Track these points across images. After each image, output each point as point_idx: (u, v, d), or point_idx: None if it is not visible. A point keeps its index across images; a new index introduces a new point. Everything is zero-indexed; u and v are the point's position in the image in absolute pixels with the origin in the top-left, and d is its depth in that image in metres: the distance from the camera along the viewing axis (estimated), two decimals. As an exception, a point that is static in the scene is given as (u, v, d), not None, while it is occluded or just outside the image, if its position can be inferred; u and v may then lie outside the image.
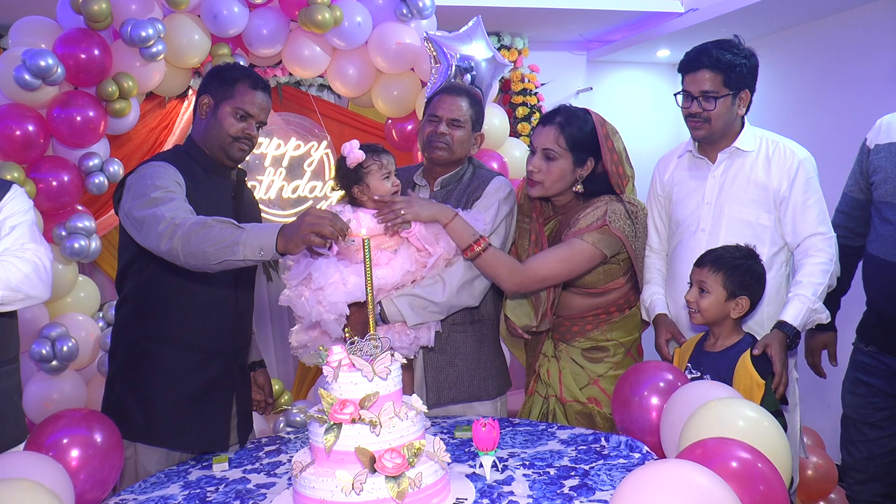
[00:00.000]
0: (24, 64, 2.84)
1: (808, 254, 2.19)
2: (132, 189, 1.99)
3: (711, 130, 2.25)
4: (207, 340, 2.12)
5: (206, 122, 2.17)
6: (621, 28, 4.71)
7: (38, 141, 3.06)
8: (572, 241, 2.18)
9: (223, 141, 2.14)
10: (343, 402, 1.47)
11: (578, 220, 2.22)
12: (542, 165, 2.24)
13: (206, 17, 3.19)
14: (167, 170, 2.02)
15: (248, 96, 2.14)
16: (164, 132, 3.78)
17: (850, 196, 2.44)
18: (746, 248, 2.11)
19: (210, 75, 2.21)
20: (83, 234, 3.17)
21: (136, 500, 1.74)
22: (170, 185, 1.97)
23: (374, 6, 3.37)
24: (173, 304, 2.09)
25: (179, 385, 2.08)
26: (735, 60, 2.19)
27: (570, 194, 2.30)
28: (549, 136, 2.23)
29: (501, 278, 2.16)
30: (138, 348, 2.10)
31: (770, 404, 1.94)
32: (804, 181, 2.22)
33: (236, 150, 2.17)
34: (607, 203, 2.23)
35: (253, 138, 2.20)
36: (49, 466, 1.51)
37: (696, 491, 1.15)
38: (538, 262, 2.19)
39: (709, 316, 2.07)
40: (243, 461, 1.96)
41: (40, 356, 3.02)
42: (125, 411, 2.06)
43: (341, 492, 1.42)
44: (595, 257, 2.19)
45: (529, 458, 1.79)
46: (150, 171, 2.01)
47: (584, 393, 2.26)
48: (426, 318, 2.16)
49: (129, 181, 2.04)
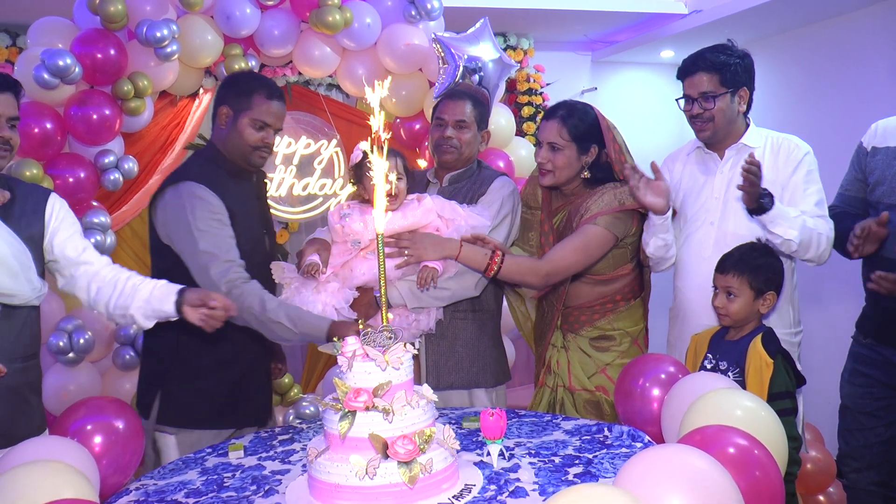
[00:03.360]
0: (43, 63, 2.91)
1: None
2: (178, 224, 2.12)
3: (715, 129, 2.34)
4: (247, 331, 2.20)
5: (226, 132, 2.27)
6: (625, 29, 4.75)
7: (56, 138, 3.13)
8: (584, 228, 2.29)
9: (244, 150, 2.26)
10: (357, 391, 1.53)
11: (589, 208, 2.32)
12: (550, 156, 2.36)
13: (220, 17, 3.25)
14: (208, 203, 2.14)
15: (265, 106, 2.24)
16: (176, 130, 3.84)
17: (848, 195, 2.50)
18: (761, 244, 2.19)
19: (227, 86, 2.31)
20: (99, 230, 3.24)
21: (155, 485, 1.79)
22: (212, 228, 2.12)
23: (383, 8, 3.42)
24: None
25: (229, 372, 2.28)
26: (729, 60, 2.30)
27: (578, 181, 2.41)
28: (552, 129, 2.35)
29: (527, 280, 2.31)
30: (186, 345, 2.22)
31: (780, 384, 2.01)
32: (806, 172, 2.31)
33: (257, 157, 2.29)
34: (613, 188, 2.34)
35: (271, 146, 2.32)
36: (76, 450, 1.58)
37: (694, 473, 1.21)
38: (557, 254, 2.29)
39: (739, 318, 2.14)
40: (258, 449, 2.02)
41: (57, 348, 3.10)
42: (174, 402, 2.22)
43: (355, 476, 1.48)
44: (608, 240, 2.30)
45: (535, 447, 1.85)
46: (193, 206, 2.11)
47: (593, 381, 2.35)
48: (426, 303, 2.27)
49: (170, 204, 2.14)
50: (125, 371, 3.38)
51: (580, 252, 2.29)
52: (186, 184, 2.16)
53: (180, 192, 2.15)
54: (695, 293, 2.43)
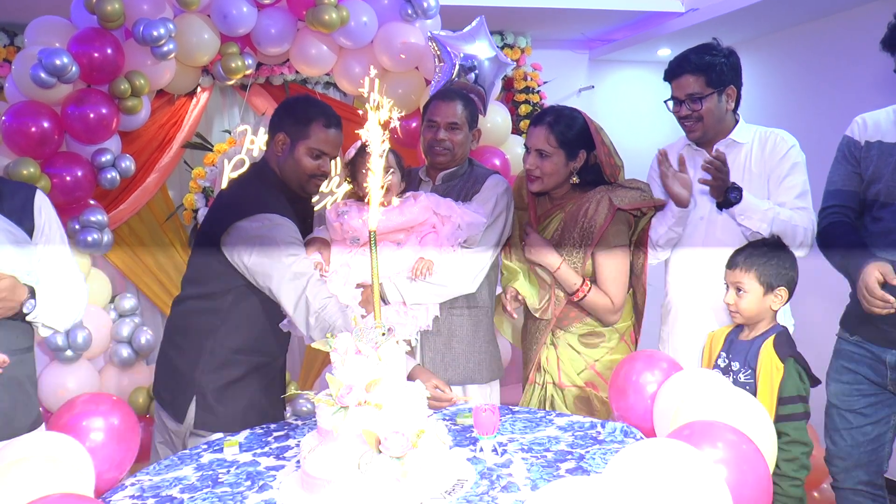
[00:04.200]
0: (40, 62, 2.91)
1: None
2: (265, 252, 2.13)
3: (705, 129, 2.37)
4: (276, 346, 2.37)
5: (282, 158, 2.31)
6: (623, 27, 4.76)
7: (53, 137, 3.13)
8: (604, 258, 2.33)
9: (300, 178, 2.30)
10: (350, 387, 1.55)
11: (591, 220, 2.33)
12: (538, 163, 2.37)
13: (216, 16, 3.26)
14: (291, 230, 2.19)
15: (322, 135, 2.28)
16: (174, 128, 3.85)
17: (845, 191, 2.39)
18: (773, 239, 2.19)
19: (284, 113, 2.33)
20: (96, 228, 3.25)
21: (151, 480, 1.80)
22: (300, 252, 2.17)
23: (379, 6, 3.43)
24: (255, 322, 2.29)
25: (264, 377, 2.35)
26: (714, 60, 2.31)
27: (567, 186, 2.42)
28: (540, 136, 2.36)
29: (604, 316, 2.37)
30: (220, 351, 2.27)
31: (791, 388, 2.00)
32: (791, 164, 2.34)
33: (313, 186, 2.34)
34: (607, 191, 2.36)
35: (328, 173, 2.35)
36: (71, 446, 1.59)
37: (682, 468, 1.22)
38: (611, 294, 2.35)
39: (750, 314, 2.12)
40: (253, 445, 2.03)
41: (55, 346, 3.11)
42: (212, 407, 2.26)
43: (348, 471, 1.49)
44: (624, 251, 2.36)
45: (528, 443, 1.86)
46: (278, 234, 2.15)
47: (582, 377, 2.36)
48: (424, 299, 2.28)
49: (252, 234, 2.15)
50: (123, 368, 3.39)
51: (622, 275, 2.36)
52: (268, 216, 2.18)
53: (262, 223, 2.17)
54: (686, 288, 2.44)
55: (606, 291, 2.35)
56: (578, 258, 2.35)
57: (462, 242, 2.35)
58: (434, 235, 2.32)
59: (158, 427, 2.39)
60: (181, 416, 2.28)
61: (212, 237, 2.24)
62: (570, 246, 2.36)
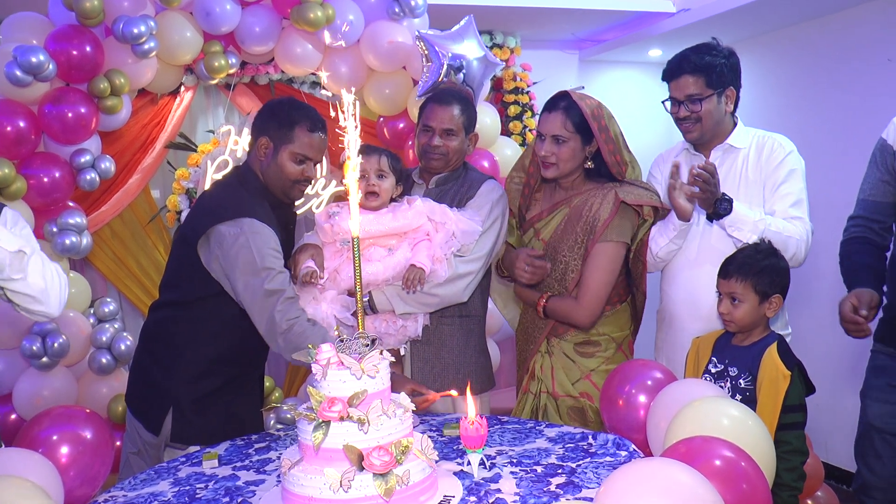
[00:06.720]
0: (16, 60, 2.83)
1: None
2: (239, 261, 2.06)
3: (703, 131, 2.32)
4: (255, 356, 2.32)
5: (265, 163, 2.23)
6: (613, 28, 4.72)
7: (30, 137, 3.05)
8: (599, 248, 2.27)
9: (283, 184, 2.23)
10: (332, 400, 1.48)
11: (595, 215, 2.28)
12: (554, 149, 2.31)
13: (199, 14, 3.19)
14: (268, 239, 2.10)
15: (306, 140, 2.20)
16: (156, 129, 3.78)
17: (874, 201, 2.24)
18: (764, 245, 2.14)
19: (267, 116, 2.25)
20: (74, 231, 3.17)
21: (125, 496, 1.74)
22: (276, 265, 2.08)
23: (366, 5, 3.38)
24: (233, 331, 2.21)
25: (243, 388, 2.31)
26: (714, 61, 2.25)
27: (580, 172, 2.38)
28: (556, 121, 2.30)
29: (572, 317, 2.31)
30: (198, 363, 2.21)
31: (795, 397, 1.97)
32: (787, 171, 2.28)
33: (296, 191, 2.27)
34: (615, 187, 2.31)
35: (311, 179, 2.28)
36: (38, 463, 1.52)
37: (679, 489, 1.17)
38: (585, 287, 2.29)
39: (745, 323, 2.08)
40: (233, 458, 1.97)
41: (31, 352, 3.03)
42: (189, 420, 2.20)
43: (329, 489, 1.43)
44: (621, 251, 2.30)
45: (517, 455, 1.80)
46: (256, 244, 2.07)
47: (577, 388, 2.31)
48: (414, 308, 2.22)
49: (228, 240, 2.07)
50: (101, 376, 3.31)
51: (607, 273, 2.29)
52: (248, 221, 2.10)
53: (242, 228, 2.08)
54: (681, 296, 2.40)
55: (580, 285, 2.29)
56: (579, 254, 2.30)
57: (455, 251, 2.28)
58: (427, 243, 2.25)
59: (130, 436, 2.29)
60: (157, 428, 2.21)
61: (189, 240, 2.16)
62: (572, 241, 2.31)
